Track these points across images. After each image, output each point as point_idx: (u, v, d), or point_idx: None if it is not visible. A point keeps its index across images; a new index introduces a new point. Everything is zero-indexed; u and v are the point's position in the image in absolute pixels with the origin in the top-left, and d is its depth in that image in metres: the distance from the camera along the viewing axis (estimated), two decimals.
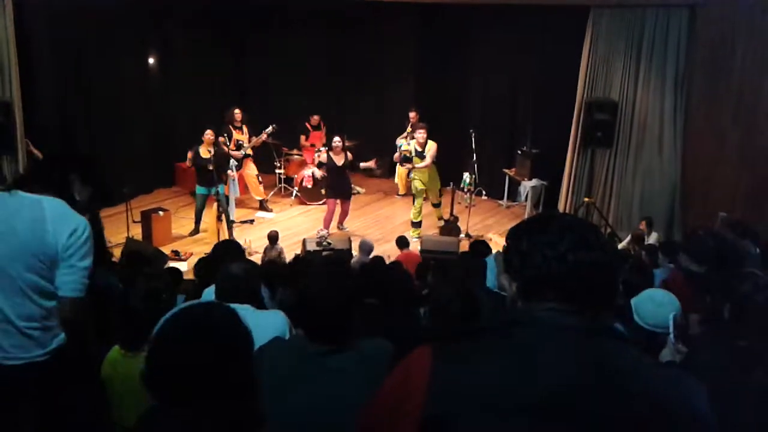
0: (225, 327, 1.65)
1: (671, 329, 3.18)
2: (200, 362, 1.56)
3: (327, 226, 9.44)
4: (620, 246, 8.06)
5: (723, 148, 8.73)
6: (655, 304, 3.29)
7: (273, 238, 8.33)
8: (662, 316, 3.21)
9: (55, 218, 2.63)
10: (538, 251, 1.50)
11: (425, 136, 9.28)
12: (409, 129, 10.98)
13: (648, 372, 1.48)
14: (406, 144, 9.58)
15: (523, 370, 1.42)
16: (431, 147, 9.31)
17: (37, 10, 8.94)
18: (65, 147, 9.60)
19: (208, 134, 9.21)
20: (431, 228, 9.93)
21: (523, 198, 10.88)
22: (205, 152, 9.16)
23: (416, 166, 9.36)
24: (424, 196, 9.68)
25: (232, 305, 2.70)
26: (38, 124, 9.07)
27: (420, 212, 9.66)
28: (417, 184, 9.49)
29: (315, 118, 11.42)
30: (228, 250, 4.52)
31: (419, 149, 9.32)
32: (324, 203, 10.13)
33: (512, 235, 1.60)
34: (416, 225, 9.70)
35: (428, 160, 9.30)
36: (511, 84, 11.40)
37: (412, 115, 11.08)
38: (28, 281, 2.62)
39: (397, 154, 9.65)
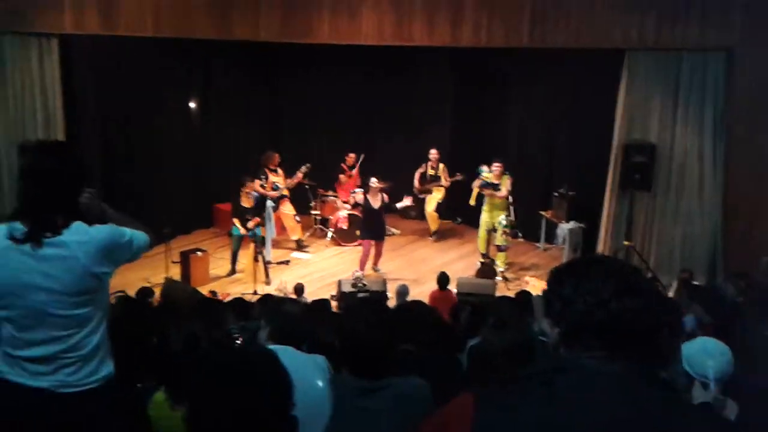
0: (265, 370, 1.65)
1: (711, 380, 3.09)
2: (241, 406, 1.56)
3: (362, 267, 9.46)
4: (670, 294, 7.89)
5: (764, 191, 8.57)
6: (704, 353, 3.19)
7: (299, 290, 8.29)
8: (708, 366, 3.12)
9: (81, 247, 2.60)
10: (580, 297, 1.48)
11: (501, 169, 9.71)
12: (428, 170, 11.20)
13: (695, 422, 1.44)
14: (486, 172, 9.82)
15: (567, 419, 1.39)
16: (507, 180, 9.74)
17: (82, 56, 9.24)
18: (108, 189, 9.81)
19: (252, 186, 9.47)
20: (470, 269, 9.88)
21: (560, 240, 10.76)
22: (246, 202, 9.32)
23: (496, 194, 9.74)
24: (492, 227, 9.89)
25: (273, 347, 2.73)
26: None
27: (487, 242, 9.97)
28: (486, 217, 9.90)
29: (351, 157, 11.57)
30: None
31: (495, 182, 9.67)
32: (359, 244, 10.16)
33: (553, 279, 1.58)
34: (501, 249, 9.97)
35: (504, 191, 9.70)
36: (546, 126, 11.38)
37: (434, 152, 11.21)
38: (82, 315, 2.64)
39: (477, 181, 9.86)
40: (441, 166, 11.20)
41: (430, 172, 11.28)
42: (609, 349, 1.46)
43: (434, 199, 11.42)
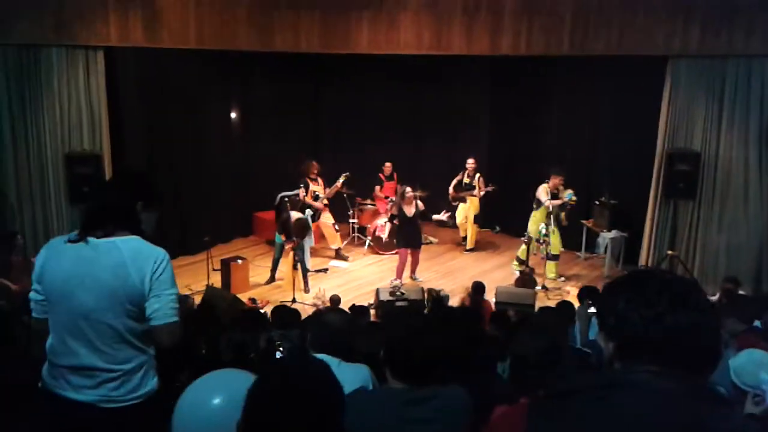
0: (320, 382, 1.66)
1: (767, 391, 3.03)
2: (296, 417, 1.57)
3: (400, 275, 9.45)
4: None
5: None
6: (755, 365, 3.13)
7: (336, 301, 8.29)
8: (758, 378, 3.06)
9: (134, 258, 2.66)
10: (634, 311, 1.46)
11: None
12: (464, 178, 11.05)
13: None
14: (573, 196, 9.65)
15: None
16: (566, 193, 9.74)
17: (126, 66, 9.44)
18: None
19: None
20: (508, 279, 9.80)
21: (601, 250, 10.62)
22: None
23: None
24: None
25: (319, 355, 2.75)
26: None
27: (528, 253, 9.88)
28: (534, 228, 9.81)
29: (388, 167, 11.61)
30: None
31: (566, 195, 9.64)
32: (396, 253, 10.16)
33: (607, 293, 1.56)
34: (521, 262, 9.93)
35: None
36: (587, 134, 11.25)
37: (471, 161, 11.06)
38: (126, 326, 2.68)
39: (558, 201, 9.64)
40: (477, 175, 11.05)
41: (466, 180, 11.15)
42: (665, 363, 1.43)
43: (469, 209, 11.23)
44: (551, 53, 8.97)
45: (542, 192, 9.72)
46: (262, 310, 8.31)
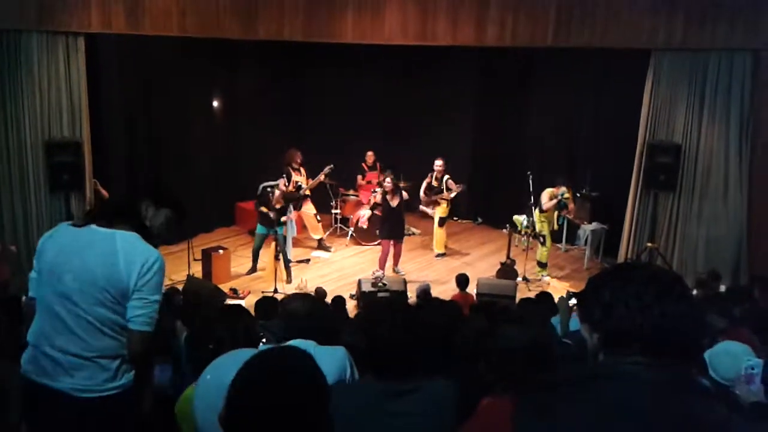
0: (302, 370, 1.65)
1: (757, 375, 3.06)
2: (279, 406, 1.57)
3: (382, 267, 9.43)
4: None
5: None
6: (731, 357, 3.16)
7: (322, 294, 8.24)
8: (738, 369, 3.09)
9: (126, 251, 2.67)
10: (621, 302, 1.47)
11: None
12: (433, 181, 10.57)
13: (738, 428, 1.42)
14: (566, 192, 9.50)
15: (608, 425, 1.38)
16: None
17: (107, 53, 9.32)
18: (132, 187, 9.87)
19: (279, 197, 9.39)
20: (490, 270, 9.83)
21: (582, 242, 10.70)
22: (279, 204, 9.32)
23: (570, 209, 9.74)
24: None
25: (293, 341, 2.74)
26: (106, 163, 9.39)
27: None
28: (545, 227, 9.72)
29: (370, 156, 11.56)
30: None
31: (567, 196, 9.55)
32: (379, 244, 10.14)
33: (593, 285, 1.57)
34: (543, 266, 9.87)
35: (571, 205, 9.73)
36: (570, 126, 11.31)
37: (439, 163, 10.46)
38: (100, 315, 2.66)
39: (555, 202, 9.49)
40: (446, 177, 10.46)
41: (435, 183, 10.59)
42: (650, 354, 1.44)
43: (436, 213, 10.69)
44: (536, 44, 8.99)
45: (545, 195, 9.60)
46: (243, 301, 8.30)
